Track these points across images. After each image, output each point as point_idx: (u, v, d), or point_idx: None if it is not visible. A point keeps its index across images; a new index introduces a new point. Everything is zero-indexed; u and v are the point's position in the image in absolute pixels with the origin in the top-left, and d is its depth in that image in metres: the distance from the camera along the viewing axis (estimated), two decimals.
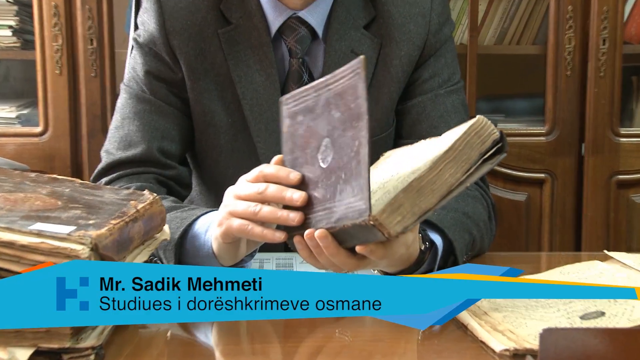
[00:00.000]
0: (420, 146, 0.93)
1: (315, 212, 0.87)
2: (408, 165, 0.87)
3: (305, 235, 0.86)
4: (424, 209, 0.81)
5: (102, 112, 1.98)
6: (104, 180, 1.21)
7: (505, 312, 0.83)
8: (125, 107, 1.24)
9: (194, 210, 1.08)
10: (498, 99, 2.18)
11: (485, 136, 0.83)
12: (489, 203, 1.22)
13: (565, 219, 2.05)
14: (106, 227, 0.79)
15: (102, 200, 0.89)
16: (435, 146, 0.87)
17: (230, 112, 1.22)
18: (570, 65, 2.00)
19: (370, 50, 1.22)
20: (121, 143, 1.22)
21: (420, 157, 0.87)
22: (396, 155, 0.97)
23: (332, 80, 0.83)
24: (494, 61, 2.14)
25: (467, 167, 0.82)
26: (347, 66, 0.81)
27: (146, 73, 1.23)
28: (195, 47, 1.21)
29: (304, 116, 0.88)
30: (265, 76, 1.20)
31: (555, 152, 2.04)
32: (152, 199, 0.91)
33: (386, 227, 0.80)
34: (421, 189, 0.81)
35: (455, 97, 1.27)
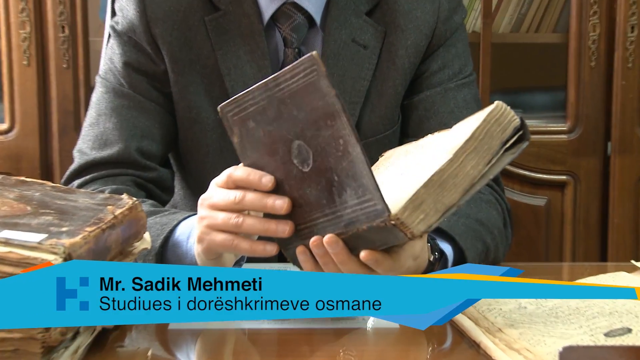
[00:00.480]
0: (428, 142, 0.94)
1: (312, 219, 0.87)
2: (419, 163, 0.88)
3: (312, 243, 0.86)
4: (447, 205, 0.82)
5: (75, 108, 1.98)
6: (77, 182, 1.21)
7: (522, 329, 0.84)
8: (101, 102, 1.25)
9: (174, 215, 1.08)
10: (514, 93, 2.18)
11: (506, 123, 0.85)
12: (504, 208, 1.22)
13: (589, 226, 2.05)
14: (80, 234, 0.79)
15: (75, 205, 0.89)
16: (447, 139, 0.88)
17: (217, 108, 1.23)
18: (595, 55, 2.01)
19: (374, 39, 1.23)
20: (96, 142, 1.22)
21: (430, 153, 0.88)
22: (398, 154, 0.98)
23: (282, 80, 0.84)
24: (510, 51, 2.15)
25: (489, 158, 0.84)
26: (297, 63, 0.82)
27: (125, 65, 1.23)
28: (180, 36, 1.21)
29: (256, 121, 0.88)
30: (257, 68, 1.21)
31: (578, 151, 2.05)
32: (131, 203, 0.92)
33: (408, 227, 0.81)
34: (443, 183, 0.82)
35: (467, 91, 1.27)
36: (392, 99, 1.25)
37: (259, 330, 0.89)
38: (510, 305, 0.92)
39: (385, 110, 1.25)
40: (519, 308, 0.91)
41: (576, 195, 2.05)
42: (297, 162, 0.86)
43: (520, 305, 0.92)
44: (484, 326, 0.86)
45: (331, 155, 0.83)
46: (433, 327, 0.90)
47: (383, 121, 1.25)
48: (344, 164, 0.82)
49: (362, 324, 0.90)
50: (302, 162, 0.86)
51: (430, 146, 0.91)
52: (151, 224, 1.06)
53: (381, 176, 0.92)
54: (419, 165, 0.87)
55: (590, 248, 2.06)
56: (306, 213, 0.88)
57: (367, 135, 1.24)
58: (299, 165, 0.86)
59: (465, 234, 1.07)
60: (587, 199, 2.05)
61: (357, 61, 1.23)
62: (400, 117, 1.28)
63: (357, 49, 1.23)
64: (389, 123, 1.26)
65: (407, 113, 1.28)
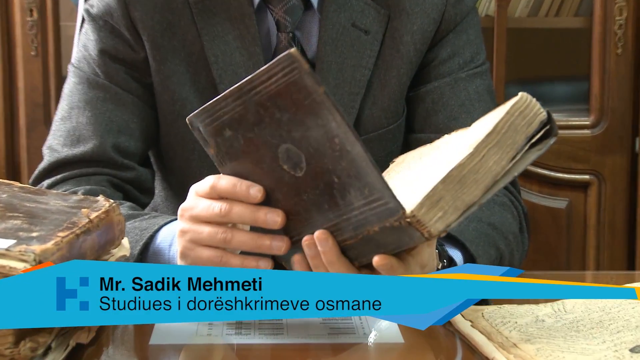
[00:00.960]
0: (444, 142, 0.94)
1: (313, 227, 0.88)
2: (436, 162, 0.88)
3: (304, 242, 0.87)
4: (467, 203, 0.83)
5: (45, 100, 1.99)
6: (46, 183, 1.21)
7: (539, 344, 0.85)
8: (73, 93, 1.25)
9: (154, 219, 1.09)
10: (532, 84, 2.19)
11: (531, 117, 0.85)
12: (521, 211, 1.23)
13: (615, 231, 2.06)
14: (52, 240, 0.80)
15: (46, 208, 0.90)
16: (466, 137, 0.88)
17: (204, 100, 1.22)
18: (622, 41, 2.02)
19: (376, 23, 1.24)
20: (68, 138, 1.22)
21: (448, 151, 0.88)
22: (412, 157, 0.98)
23: (258, 82, 0.84)
24: (527, 37, 2.15)
25: (513, 154, 0.84)
26: (272, 64, 0.82)
27: (100, 52, 1.24)
28: (162, 20, 1.22)
29: (234, 129, 0.88)
30: (247, 55, 1.22)
31: (603, 148, 2.05)
32: (108, 206, 0.92)
33: (425, 225, 0.81)
34: (463, 179, 0.82)
35: (480, 81, 1.28)
36: (396, 89, 1.25)
37: (250, 346, 0.89)
38: (527, 318, 0.93)
39: (389, 102, 1.26)
40: (535, 321, 0.92)
41: (600, 196, 2.06)
42: (287, 168, 0.86)
43: (537, 318, 0.93)
44: (498, 341, 0.87)
45: (327, 156, 0.83)
46: (442, 342, 0.91)
47: (386, 114, 1.26)
48: (343, 163, 0.82)
49: (364, 338, 0.91)
50: (294, 166, 0.86)
51: (447, 146, 0.92)
52: (130, 229, 1.06)
53: (393, 181, 0.92)
54: (436, 164, 0.88)
55: (616, 255, 2.06)
56: (305, 221, 0.88)
57: (368, 130, 1.25)
58: (291, 171, 0.86)
59: (476, 240, 1.08)
60: (612, 200, 2.06)
61: (357, 48, 1.23)
62: (405, 110, 1.29)
63: (358, 34, 1.23)
64: (393, 116, 1.27)
65: (412, 106, 1.28)
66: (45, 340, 0.78)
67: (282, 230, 0.90)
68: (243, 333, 0.91)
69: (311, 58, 1.23)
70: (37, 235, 0.81)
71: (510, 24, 2.06)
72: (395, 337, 0.90)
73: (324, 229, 0.87)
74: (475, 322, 0.91)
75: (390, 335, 0.91)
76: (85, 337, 0.84)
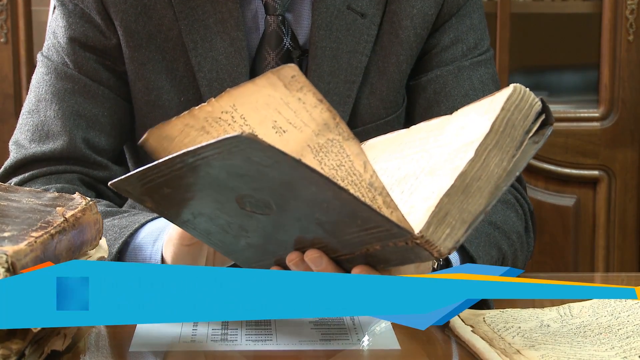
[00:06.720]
0: (426, 132, 0.93)
1: (297, 249, 0.88)
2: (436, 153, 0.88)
3: (289, 261, 0.88)
4: (474, 214, 0.83)
5: (16, 90, 1.98)
6: (14, 181, 1.21)
7: (544, 350, 0.86)
8: (41, 85, 1.24)
9: (135, 217, 1.09)
10: (538, 73, 2.20)
11: (527, 109, 0.85)
12: (526, 210, 1.23)
13: (626, 230, 2.07)
14: (25, 241, 0.80)
15: (18, 207, 0.90)
16: (453, 131, 0.88)
17: (182, 89, 1.23)
18: (633, 27, 2.03)
19: (373, 6, 1.23)
20: (36, 133, 1.22)
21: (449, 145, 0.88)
22: (387, 146, 0.96)
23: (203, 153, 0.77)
24: (533, 23, 2.16)
25: (513, 152, 0.84)
26: (218, 142, 0.75)
27: (70, 40, 1.22)
28: (136, 4, 1.21)
29: (173, 187, 0.83)
30: (229, 41, 1.21)
31: (613, 142, 2.06)
32: (85, 204, 0.92)
33: (434, 244, 0.81)
34: (466, 188, 0.82)
35: (484, 70, 1.27)
36: (395, 77, 1.25)
37: (236, 353, 0.90)
38: (531, 323, 0.93)
39: (387, 91, 1.25)
40: (540, 326, 0.93)
41: (610, 193, 2.07)
42: (253, 210, 0.84)
43: (542, 323, 0.93)
44: (500, 347, 0.88)
45: (307, 204, 0.80)
46: (440, 348, 0.92)
47: (385, 104, 1.26)
48: (329, 210, 0.80)
49: (357, 344, 0.92)
50: (263, 208, 0.83)
51: (431, 139, 0.90)
52: (107, 227, 1.06)
53: (389, 164, 0.92)
54: (425, 162, 0.87)
55: (626, 256, 2.07)
56: (285, 249, 0.88)
57: (365, 121, 1.25)
58: (258, 213, 0.84)
59: (476, 240, 1.08)
60: (623, 198, 2.07)
61: (353, 32, 1.23)
62: (405, 99, 1.28)
63: (354, 18, 1.23)
64: (392, 106, 1.27)
65: (413, 95, 1.28)
66: (18, 347, 0.79)
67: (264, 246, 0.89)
68: (229, 339, 0.91)
69: (303, 43, 1.23)
70: (8, 236, 0.81)
71: (514, 9, 2.06)
72: (391, 343, 0.91)
73: (314, 248, 0.87)
74: (477, 328, 0.92)
75: (386, 341, 0.91)
76: (61, 344, 0.85)
